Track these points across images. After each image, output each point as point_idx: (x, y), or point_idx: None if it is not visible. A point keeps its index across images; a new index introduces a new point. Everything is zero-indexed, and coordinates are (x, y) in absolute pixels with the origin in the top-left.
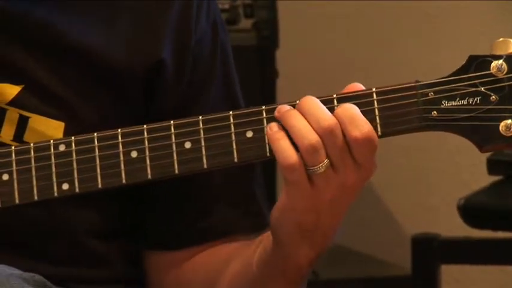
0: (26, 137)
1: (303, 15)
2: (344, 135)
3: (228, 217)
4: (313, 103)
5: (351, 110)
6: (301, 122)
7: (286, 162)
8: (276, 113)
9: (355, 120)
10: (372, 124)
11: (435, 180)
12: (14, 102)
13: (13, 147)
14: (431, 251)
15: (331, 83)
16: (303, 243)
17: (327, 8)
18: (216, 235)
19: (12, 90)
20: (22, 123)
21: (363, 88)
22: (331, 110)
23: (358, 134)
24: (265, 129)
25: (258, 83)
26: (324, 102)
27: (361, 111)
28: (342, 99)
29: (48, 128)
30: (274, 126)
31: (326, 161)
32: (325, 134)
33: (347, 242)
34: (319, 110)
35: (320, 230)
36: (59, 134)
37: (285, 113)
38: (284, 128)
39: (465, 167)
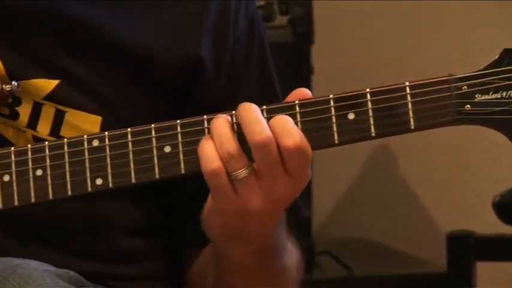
0: (63, 131)
1: (337, 11)
2: (278, 147)
3: None
4: (251, 113)
5: (284, 121)
6: (221, 129)
7: (208, 168)
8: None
9: (288, 130)
10: (404, 118)
11: (471, 178)
12: (50, 97)
13: (46, 143)
14: (467, 248)
15: (365, 78)
16: (235, 243)
17: (362, 4)
18: None
19: (48, 85)
20: (58, 117)
21: (310, 95)
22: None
23: (291, 144)
24: (299, 123)
25: (293, 79)
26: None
27: (394, 105)
28: (375, 94)
29: (85, 122)
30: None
31: (244, 169)
32: (256, 147)
33: (382, 239)
34: (256, 122)
35: (249, 233)
36: (96, 128)
37: (214, 118)
38: None
39: (501, 164)
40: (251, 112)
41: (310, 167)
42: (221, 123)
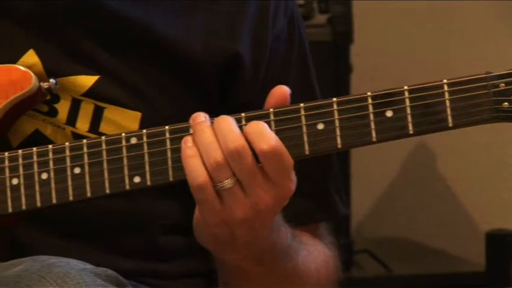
0: (102, 127)
1: (377, 10)
2: (254, 153)
3: (301, 209)
4: (224, 123)
5: (258, 126)
6: (208, 139)
7: (194, 182)
8: (190, 121)
9: (262, 135)
10: (442, 115)
11: (509, 176)
12: (89, 93)
13: (84, 141)
14: (506, 247)
15: (404, 77)
16: (228, 250)
17: (401, 3)
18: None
19: (87, 81)
20: (97, 114)
21: (288, 92)
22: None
23: (266, 147)
24: (336, 121)
25: (332, 78)
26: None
27: (432, 102)
28: (413, 91)
29: (124, 119)
30: (188, 140)
31: (231, 179)
32: (231, 156)
33: (421, 238)
34: (228, 131)
35: (239, 241)
36: (135, 125)
37: (195, 125)
38: None
39: None
40: (225, 123)
41: (293, 174)
42: (207, 133)
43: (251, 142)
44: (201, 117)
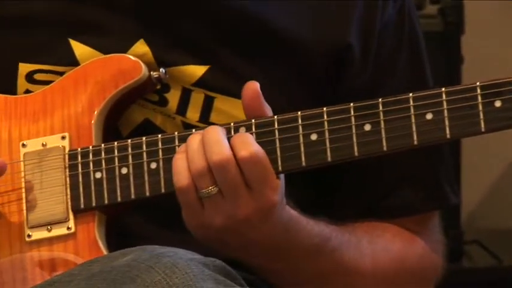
0: (212, 117)
1: (488, 0)
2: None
3: (410, 199)
4: (211, 134)
5: (242, 136)
6: (194, 145)
7: (178, 184)
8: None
9: (244, 143)
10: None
11: None
12: (200, 83)
13: (194, 131)
14: None
15: None
16: (227, 250)
17: None
18: (394, 215)
19: (198, 71)
20: (208, 103)
21: (258, 87)
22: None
23: (246, 154)
24: (445, 111)
25: (443, 69)
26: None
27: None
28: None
29: (234, 108)
30: (183, 145)
31: (213, 187)
32: (214, 167)
33: None
34: (214, 143)
35: (230, 244)
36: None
37: (191, 135)
38: None
39: None
40: (213, 133)
41: (279, 184)
42: (195, 139)
43: (234, 151)
44: (197, 131)
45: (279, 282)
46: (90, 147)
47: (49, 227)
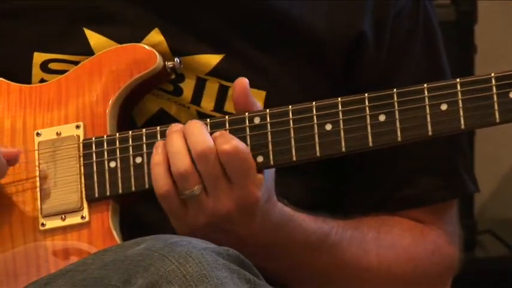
0: (227, 107)
1: None
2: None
3: (429, 187)
4: (194, 127)
5: (225, 133)
6: (175, 147)
7: (158, 191)
8: (168, 129)
9: (225, 137)
10: None
11: None
12: (214, 72)
13: (208, 120)
14: None
15: None
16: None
17: None
18: (412, 204)
19: (212, 60)
20: (222, 93)
21: (247, 83)
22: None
23: (227, 147)
24: (460, 102)
25: (456, 59)
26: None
27: None
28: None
29: None
30: (158, 146)
31: (197, 187)
32: (198, 158)
33: None
34: (198, 134)
35: (219, 240)
36: (260, 103)
37: (168, 134)
38: None
39: None
40: (195, 125)
41: (260, 179)
42: (176, 141)
43: (216, 146)
44: (176, 127)
45: (280, 280)
46: (105, 136)
47: (63, 216)
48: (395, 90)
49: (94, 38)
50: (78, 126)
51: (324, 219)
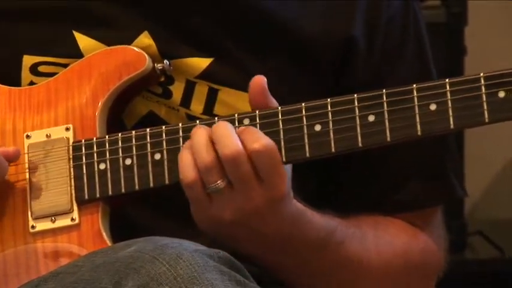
0: (216, 109)
1: None
2: (250, 159)
3: (418, 193)
4: (223, 130)
5: (250, 129)
6: (201, 141)
7: (184, 179)
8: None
9: (254, 135)
10: None
11: None
12: (204, 75)
13: (198, 122)
14: None
15: None
16: (237, 245)
17: None
18: (401, 209)
19: (202, 63)
20: (211, 96)
21: (264, 82)
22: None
23: (257, 146)
24: (449, 102)
25: (446, 60)
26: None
27: None
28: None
29: (238, 100)
30: (188, 141)
31: (221, 181)
32: (226, 161)
33: None
34: (226, 137)
35: (240, 238)
36: (249, 106)
37: (194, 129)
38: None
39: None
40: (223, 128)
41: (286, 175)
42: (200, 134)
43: (244, 145)
44: (200, 125)
45: (286, 277)
46: (94, 138)
47: (53, 218)
48: (384, 90)
49: (83, 41)
50: (67, 129)
51: (331, 216)
